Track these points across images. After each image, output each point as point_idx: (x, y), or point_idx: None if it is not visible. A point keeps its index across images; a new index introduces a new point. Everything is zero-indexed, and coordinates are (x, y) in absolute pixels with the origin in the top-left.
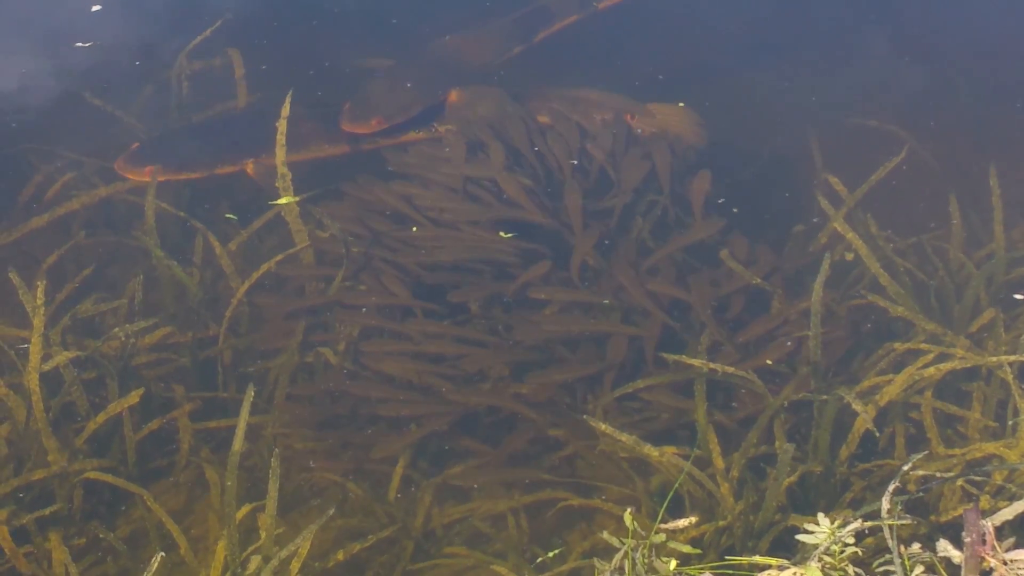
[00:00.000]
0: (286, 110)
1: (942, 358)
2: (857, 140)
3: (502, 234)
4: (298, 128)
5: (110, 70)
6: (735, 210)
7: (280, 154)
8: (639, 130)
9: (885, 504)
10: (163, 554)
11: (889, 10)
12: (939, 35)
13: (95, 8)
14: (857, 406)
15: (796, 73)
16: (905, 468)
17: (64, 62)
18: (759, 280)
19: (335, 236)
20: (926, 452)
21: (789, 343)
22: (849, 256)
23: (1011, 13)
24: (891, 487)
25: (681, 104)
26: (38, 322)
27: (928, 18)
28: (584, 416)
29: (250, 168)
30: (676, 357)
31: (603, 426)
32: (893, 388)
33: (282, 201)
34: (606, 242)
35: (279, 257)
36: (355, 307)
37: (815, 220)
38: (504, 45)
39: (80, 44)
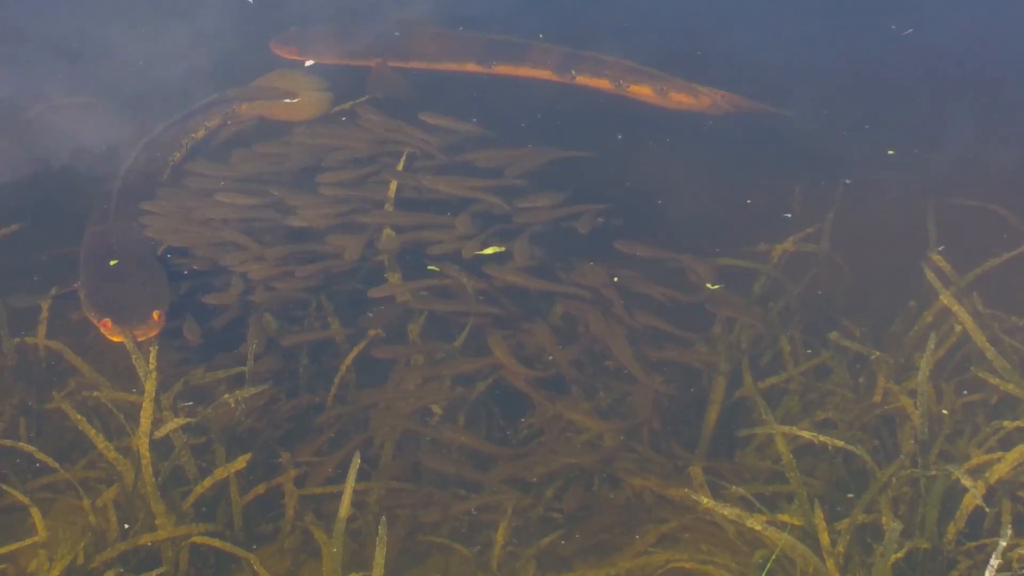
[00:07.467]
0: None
1: None
2: (956, 220)
3: None
4: None
5: None
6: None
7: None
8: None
9: None
10: None
11: (982, 87)
12: None
13: None
14: (967, 482)
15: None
16: (1003, 544)
17: None
18: (877, 353)
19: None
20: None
21: None
22: (958, 329)
23: None
24: (994, 562)
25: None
26: (150, 387)
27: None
28: (686, 489)
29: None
30: (785, 429)
31: (705, 500)
32: (1003, 466)
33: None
34: None
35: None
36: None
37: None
38: (461, 53)
39: None
